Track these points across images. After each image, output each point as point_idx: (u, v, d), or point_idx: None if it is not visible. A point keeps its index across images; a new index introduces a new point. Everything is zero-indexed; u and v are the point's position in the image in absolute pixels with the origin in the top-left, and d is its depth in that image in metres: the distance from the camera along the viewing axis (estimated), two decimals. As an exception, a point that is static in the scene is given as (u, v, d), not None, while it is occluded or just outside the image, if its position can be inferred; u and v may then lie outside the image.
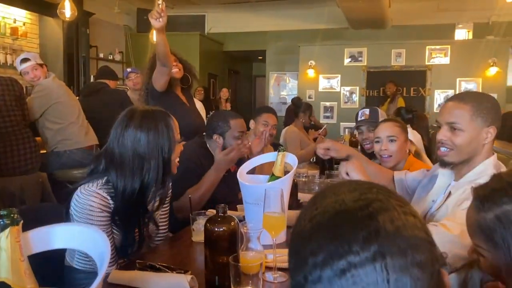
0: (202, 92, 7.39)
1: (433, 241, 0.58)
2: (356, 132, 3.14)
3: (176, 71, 2.84)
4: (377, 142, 2.24)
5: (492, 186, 0.93)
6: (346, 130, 6.86)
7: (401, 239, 0.53)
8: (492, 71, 7.22)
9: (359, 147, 3.12)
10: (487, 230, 0.89)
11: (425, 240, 0.56)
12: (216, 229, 1.24)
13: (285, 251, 1.50)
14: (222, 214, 1.26)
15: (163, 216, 1.72)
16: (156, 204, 1.58)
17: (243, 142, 2.16)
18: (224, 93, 7.95)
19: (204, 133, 2.41)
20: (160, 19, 2.31)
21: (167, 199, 1.74)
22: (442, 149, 1.47)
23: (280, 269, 1.35)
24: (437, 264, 0.56)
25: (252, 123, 3.00)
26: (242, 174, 1.73)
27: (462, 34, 7.73)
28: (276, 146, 2.67)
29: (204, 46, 9.04)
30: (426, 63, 7.67)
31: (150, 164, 1.46)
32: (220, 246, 1.24)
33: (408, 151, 2.21)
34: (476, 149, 1.44)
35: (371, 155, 2.86)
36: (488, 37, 7.44)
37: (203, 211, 1.78)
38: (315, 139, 4.58)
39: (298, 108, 4.39)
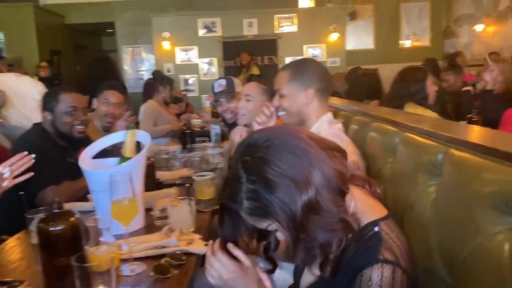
0: (48, 68, 6.27)
1: None
2: (215, 104, 3.08)
3: None
4: (239, 99, 2.30)
5: (226, 185, 0.93)
6: (207, 102, 6.83)
7: None
8: (333, 37, 7.86)
9: (220, 117, 3.06)
10: (255, 212, 0.87)
11: None
12: (51, 228, 1.05)
13: (142, 238, 1.39)
14: (58, 210, 1.07)
15: None
16: None
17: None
18: None
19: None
20: None
21: None
22: (279, 113, 1.65)
23: (137, 259, 1.23)
24: None
25: (95, 102, 2.68)
26: (85, 159, 1.52)
27: (305, 2, 8.20)
28: None
29: (41, 19, 7.96)
30: (276, 31, 7.99)
31: None
32: (59, 247, 1.05)
33: None
34: (301, 110, 1.60)
35: (233, 126, 2.84)
36: (328, 5, 8.05)
37: (43, 207, 1.53)
38: (178, 115, 4.43)
39: (158, 82, 4.19)
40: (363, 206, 0.91)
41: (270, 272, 1.08)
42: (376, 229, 0.88)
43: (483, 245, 0.88)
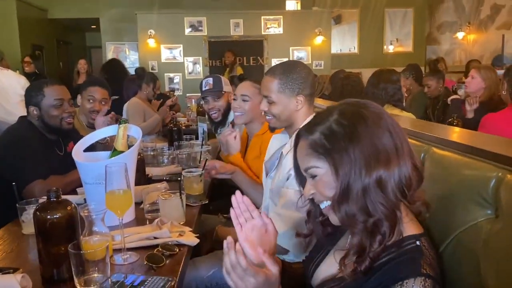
0: (31, 63, 6.05)
1: None
2: (202, 102, 3.10)
3: None
4: (234, 99, 2.26)
5: (315, 116, 0.99)
6: (193, 100, 6.83)
7: None
8: (319, 40, 7.97)
9: (206, 116, 3.09)
10: (317, 148, 0.91)
11: None
12: (49, 217, 1.07)
13: (134, 229, 1.42)
14: (55, 199, 1.09)
15: None
16: None
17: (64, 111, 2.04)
18: (82, 65, 6.21)
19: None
20: None
21: None
22: (267, 117, 1.67)
23: (129, 249, 1.25)
24: None
25: (79, 99, 2.64)
26: (78, 152, 1.54)
27: (292, 5, 8.30)
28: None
29: (23, 12, 7.86)
30: (263, 33, 8.06)
31: None
32: (56, 235, 1.08)
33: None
34: (291, 115, 1.62)
35: (219, 124, 2.87)
36: (314, 8, 8.16)
37: (34, 198, 1.55)
38: (171, 107, 4.45)
39: (141, 80, 4.18)
40: (410, 220, 0.93)
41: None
42: (418, 243, 0.89)
43: (462, 236, 0.95)
